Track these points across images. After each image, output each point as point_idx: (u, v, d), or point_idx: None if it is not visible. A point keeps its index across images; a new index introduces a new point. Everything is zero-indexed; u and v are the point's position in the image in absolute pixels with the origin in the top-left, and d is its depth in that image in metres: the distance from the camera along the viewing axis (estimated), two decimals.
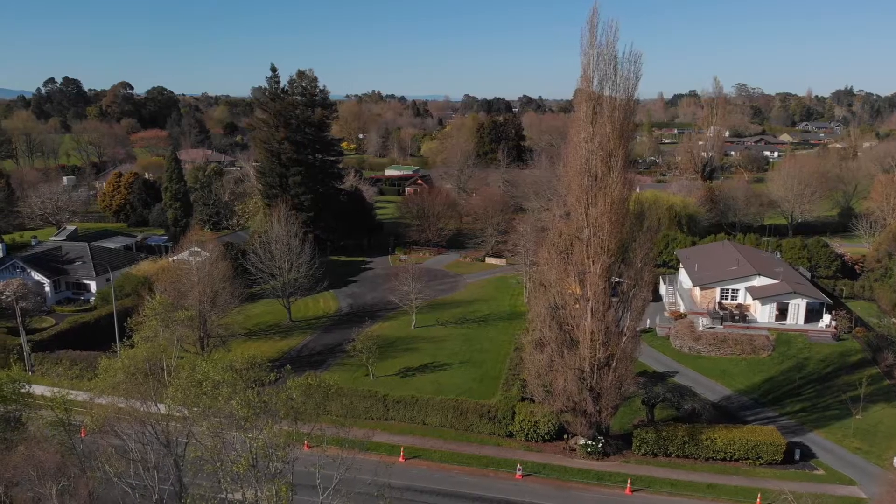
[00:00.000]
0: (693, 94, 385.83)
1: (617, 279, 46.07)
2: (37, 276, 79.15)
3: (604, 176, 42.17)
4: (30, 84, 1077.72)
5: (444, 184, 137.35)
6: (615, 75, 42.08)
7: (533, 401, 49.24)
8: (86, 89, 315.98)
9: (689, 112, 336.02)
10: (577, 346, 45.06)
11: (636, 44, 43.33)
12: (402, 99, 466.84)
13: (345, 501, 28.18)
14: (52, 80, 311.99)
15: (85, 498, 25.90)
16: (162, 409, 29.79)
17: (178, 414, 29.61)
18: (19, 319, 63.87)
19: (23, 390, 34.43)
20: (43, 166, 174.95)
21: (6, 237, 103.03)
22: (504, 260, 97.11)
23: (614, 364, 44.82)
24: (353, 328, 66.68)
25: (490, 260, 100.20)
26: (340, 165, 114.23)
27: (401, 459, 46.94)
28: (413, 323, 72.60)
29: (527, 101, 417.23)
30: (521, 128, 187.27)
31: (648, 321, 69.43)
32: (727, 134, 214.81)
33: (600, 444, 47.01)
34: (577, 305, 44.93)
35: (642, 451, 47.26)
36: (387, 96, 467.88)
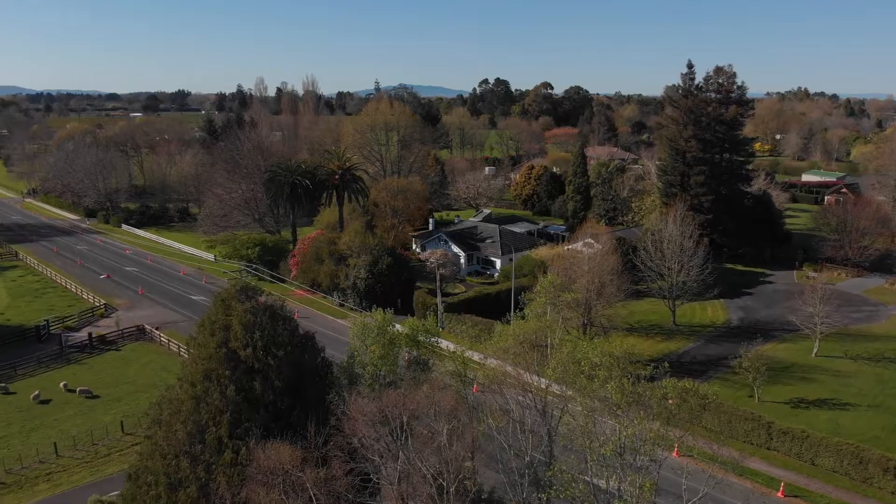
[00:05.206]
0: None
1: None
2: (456, 249, 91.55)
3: None
4: (468, 85, 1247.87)
5: (876, 195, 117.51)
6: None
7: None
8: (513, 90, 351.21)
9: None
10: None
11: None
12: (833, 97, 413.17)
13: None
14: (485, 80, 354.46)
15: (469, 443, 29.15)
16: (543, 381, 31.74)
17: (556, 388, 31.24)
18: (438, 283, 74.74)
19: (432, 340, 40.30)
20: (470, 156, 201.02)
21: (436, 214, 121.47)
22: None
23: None
24: (741, 343, 61.75)
25: None
26: (749, 167, 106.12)
27: (779, 494, 42.14)
28: (814, 350, 64.07)
29: None
30: None
31: None
32: None
33: None
34: None
35: None
36: (814, 94, 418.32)
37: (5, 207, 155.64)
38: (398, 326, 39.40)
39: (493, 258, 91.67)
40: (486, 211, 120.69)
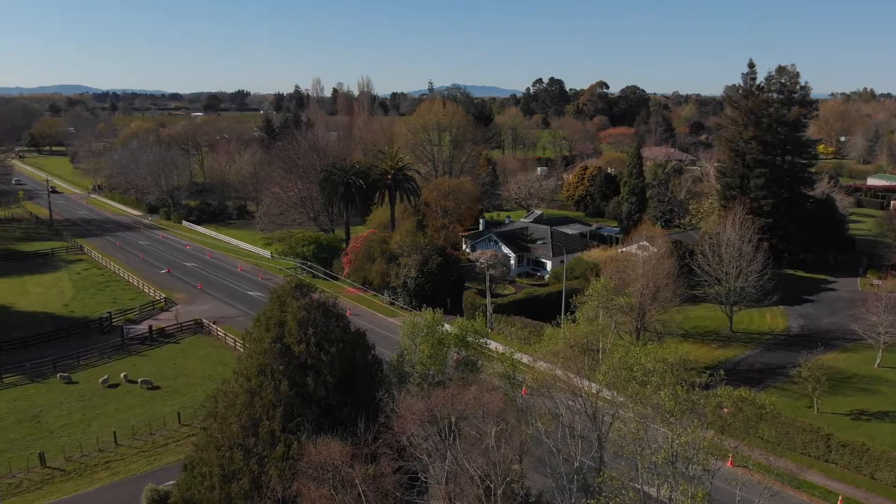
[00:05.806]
0: None
1: None
2: (506, 249, 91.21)
3: None
4: (521, 85, 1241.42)
5: None
6: None
7: None
8: (567, 89, 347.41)
9: None
10: None
11: None
12: None
13: None
14: (539, 80, 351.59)
15: (517, 446, 28.99)
16: (593, 385, 31.37)
17: (606, 393, 30.82)
18: (488, 284, 74.59)
19: (481, 341, 40.28)
20: (522, 157, 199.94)
21: (487, 214, 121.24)
22: None
23: None
24: (800, 352, 59.85)
25: None
26: (812, 170, 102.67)
27: None
28: (878, 361, 61.58)
29: None
30: None
31: None
32: None
33: None
34: None
35: None
36: (881, 95, 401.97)
37: (72, 203, 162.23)
38: (447, 326, 39.52)
39: (543, 259, 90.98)
40: (538, 212, 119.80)
